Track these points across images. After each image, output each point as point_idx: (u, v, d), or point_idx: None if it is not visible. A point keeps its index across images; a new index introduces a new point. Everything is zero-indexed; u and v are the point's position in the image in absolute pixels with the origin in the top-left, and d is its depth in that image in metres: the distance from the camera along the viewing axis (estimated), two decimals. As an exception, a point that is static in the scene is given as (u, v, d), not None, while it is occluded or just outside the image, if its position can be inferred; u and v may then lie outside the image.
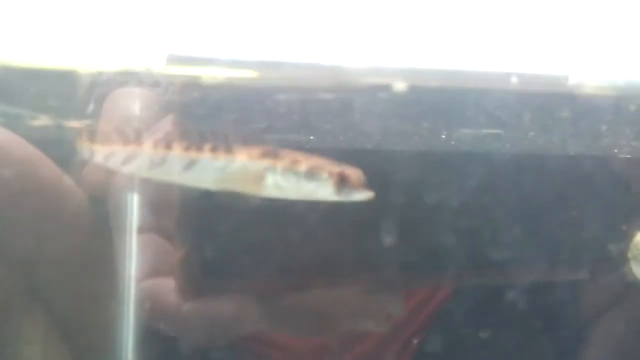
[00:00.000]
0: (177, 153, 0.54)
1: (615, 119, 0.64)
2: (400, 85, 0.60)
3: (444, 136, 0.64)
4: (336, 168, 0.52)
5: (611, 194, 0.65)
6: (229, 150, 0.53)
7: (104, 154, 0.55)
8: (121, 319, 0.66)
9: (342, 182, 0.52)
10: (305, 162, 0.52)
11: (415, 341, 0.74)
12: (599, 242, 0.64)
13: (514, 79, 0.64)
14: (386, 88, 0.61)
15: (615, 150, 0.65)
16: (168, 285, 0.63)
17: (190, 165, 0.54)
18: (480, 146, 0.64)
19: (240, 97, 0.61)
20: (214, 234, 0.62)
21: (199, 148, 0.54)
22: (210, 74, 0.62)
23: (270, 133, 0.60)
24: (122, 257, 0.64)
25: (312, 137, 0.62)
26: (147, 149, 0.54)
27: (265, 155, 0.53)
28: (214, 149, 0.53)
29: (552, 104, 0.64)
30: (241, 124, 0.60)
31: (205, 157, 0.53)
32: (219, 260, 0.62)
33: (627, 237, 0.64)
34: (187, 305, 0.62)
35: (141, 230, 0.65)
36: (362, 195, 0.52)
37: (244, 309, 0.63)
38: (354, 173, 0.52)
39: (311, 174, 0.52)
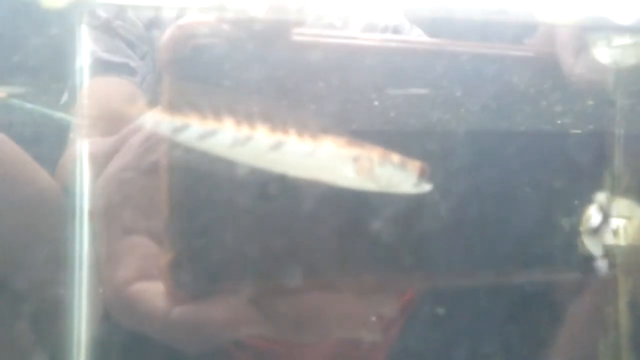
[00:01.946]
0: (264, 133, 0.53)
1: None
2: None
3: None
4: (416, 161, 0.56)
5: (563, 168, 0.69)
6: (314, 136, 0.54)
7: (173, 126, 0.52)
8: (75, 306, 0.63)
9: (422, 174, 0.56)
10: (393, 154, 0.56)
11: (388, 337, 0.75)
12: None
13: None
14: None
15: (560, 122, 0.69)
16: (156, 290, 0.59)
17: (277, 146, 0.53)
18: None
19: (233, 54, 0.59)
20: (204, 235, 0.60)
21: (285, 131, 0.53)
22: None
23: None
24: (108, 255, 0.61)
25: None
26: (230, 126, 0.52)
27: (351, 144, 0.55)
28: (299, 134, 0.54)
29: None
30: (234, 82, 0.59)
31: (293, 140, 0.53)
32: (210, 263, 0.60)
33: (579, 212, 0.69)
34: (177, 310, 0.58)
35: (128, 231, 0.61)
36: (428, 188, 0.57)
37: (236, 313, 0.60)
38: (425, 166, 0.57)
39: (403, 165, 0.55)
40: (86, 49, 0.62)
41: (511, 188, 0.68)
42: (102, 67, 0.67)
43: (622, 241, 0.70)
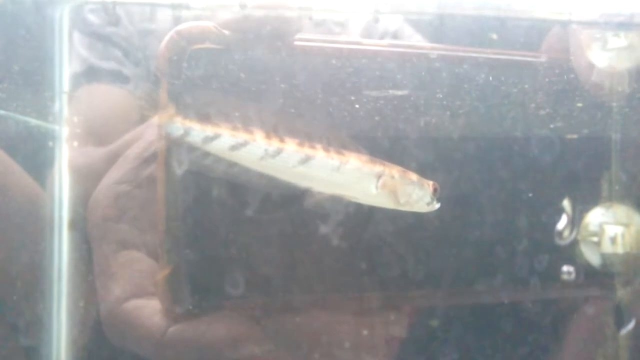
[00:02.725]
0: (293, 147, 0.52)
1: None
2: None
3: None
4: (429, 181, 0.57)
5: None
6: (339, 151, 0.54)
7: (203, 136, 0.51)
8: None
9: (435, 192, 0.57)
10: (411, 172, 0.57)
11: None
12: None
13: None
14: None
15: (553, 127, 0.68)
16: (152, 307, 0.56)
17: (305, 160, 0.53)
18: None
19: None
20: (202, 250, 0.57)
21: (312, 146, 0.53)
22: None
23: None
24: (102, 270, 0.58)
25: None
26: (261, 139, 0.52)
27: (374, 161, 0.56)
28: (325, 149, 0.54)
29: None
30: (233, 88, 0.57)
31: (320, 155, 0.53)
32: (208, 279, 0.57)
33: (577, 220, 0.68)
34: (174, 329, 0.56)
35: (123, 245, 0.57)
36: (437, 206, 0.57)
37: (236, 331, 0.58)
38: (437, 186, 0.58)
39: (420, 184, 0.56)
40: (74, 54, 0.59)
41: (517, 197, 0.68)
42: (94, 74, 0.64)
43: (619, 249, 0.69)
